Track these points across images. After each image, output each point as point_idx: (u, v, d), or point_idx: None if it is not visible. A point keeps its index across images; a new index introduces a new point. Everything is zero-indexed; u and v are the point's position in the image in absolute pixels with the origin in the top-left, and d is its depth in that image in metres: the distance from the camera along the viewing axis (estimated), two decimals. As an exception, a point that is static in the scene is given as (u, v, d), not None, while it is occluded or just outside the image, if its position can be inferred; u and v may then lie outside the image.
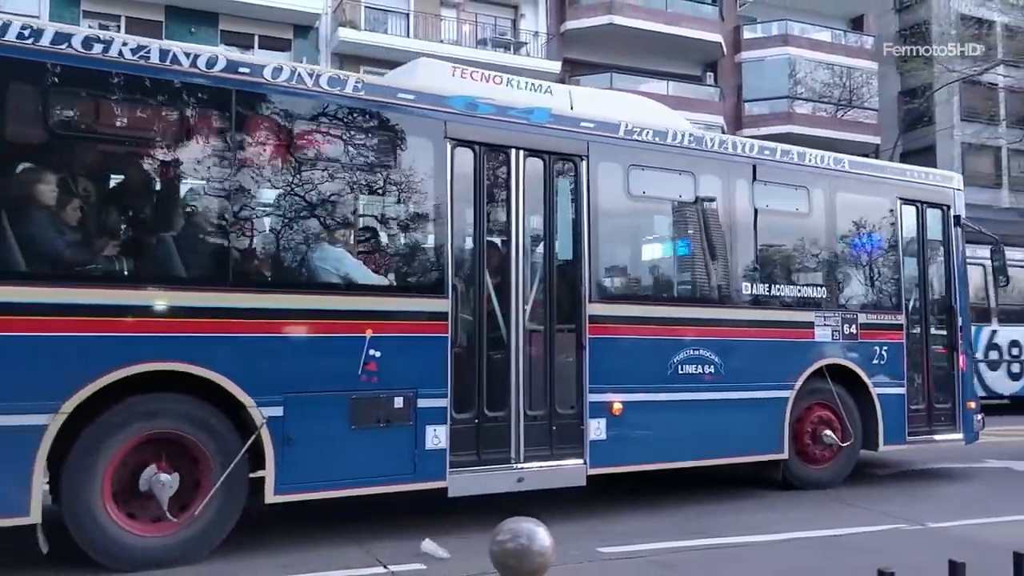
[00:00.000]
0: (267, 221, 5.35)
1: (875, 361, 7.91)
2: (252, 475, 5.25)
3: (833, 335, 7.69)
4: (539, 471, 6.15)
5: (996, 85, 27.68)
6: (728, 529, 6.05)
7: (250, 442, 5.10)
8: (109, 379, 4.71)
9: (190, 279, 5.08)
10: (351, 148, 5.60)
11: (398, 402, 5.58)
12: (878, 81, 27.91)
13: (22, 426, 4.51)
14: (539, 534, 1.92)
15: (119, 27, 18.85)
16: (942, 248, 8.64)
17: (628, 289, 6.83)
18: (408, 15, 22.44)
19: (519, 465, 6.07)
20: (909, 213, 8.41)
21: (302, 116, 5.42)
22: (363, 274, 5.66)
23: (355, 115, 5.59)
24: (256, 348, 5.15)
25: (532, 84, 6.79)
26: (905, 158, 24.14)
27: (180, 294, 4.99)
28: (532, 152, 6.27)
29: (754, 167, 7.36)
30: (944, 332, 8.58)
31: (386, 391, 5.54)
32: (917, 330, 8.35)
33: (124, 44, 4.90)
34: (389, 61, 19.28)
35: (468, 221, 6.03)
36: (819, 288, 7.75)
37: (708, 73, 26.81)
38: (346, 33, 20.61)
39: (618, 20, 23.98)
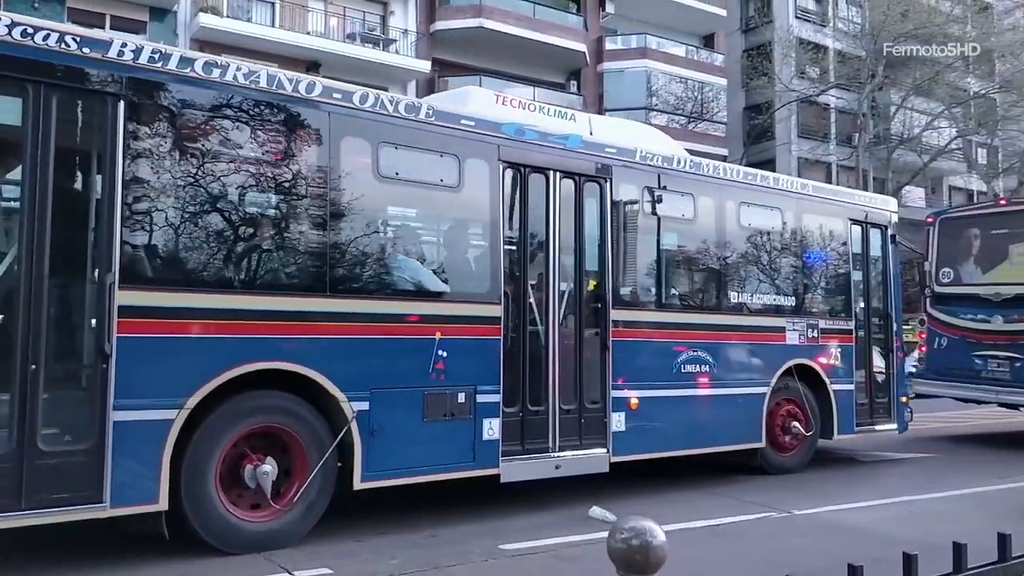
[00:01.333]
0: (356, 234, 5.85)
1: (831, 361, 9.06)
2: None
3: (800, 339, 8.78)
4: (572, 459, 6.89)
5: (828, 106, 30.32)
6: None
7: (343, 433, 5.61)
8: (227, 377, 5.15)
9: (294, 286, 5.55)
10: (423, 169, 6.19)
11: (461, 397, 6.21)
12: (726, 96, 29.59)
13: (154, 420, 4.90)
14: (657, 530, 1.93)
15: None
16: (881, 263, 9.93)
17: (644, 297, 7.65)
18: (273, 4, 21.87)
19: (556, 454, 6.80)
20: (856, 232, 9.64)
21: (385, 140, 5.96)
22: (433, 282, 6.25)
23: (426, 138, 6.17)
24: (347, 348, 5.68)
25: (560, 111, 7.52)
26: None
27: (286, 300, 5.46)
28: (566, 174, 7.01)
29: (742, 191, 8.35)
30: (882, 336, 9.87)
31: (452, 387, 6.16)
32: (862, 333, 9.58)
33: (238, 69, 5.34)
34: (252, 51, 19.20)
35: (515, 235, 6.71)
36: (789, 297, 8.82)
37: (572, 81, 27.44)
38: (207, 19, 19.86)
39: (487, 24, 24.10)
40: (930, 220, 12.35)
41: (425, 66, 23.13)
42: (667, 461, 7.85)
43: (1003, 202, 13.15)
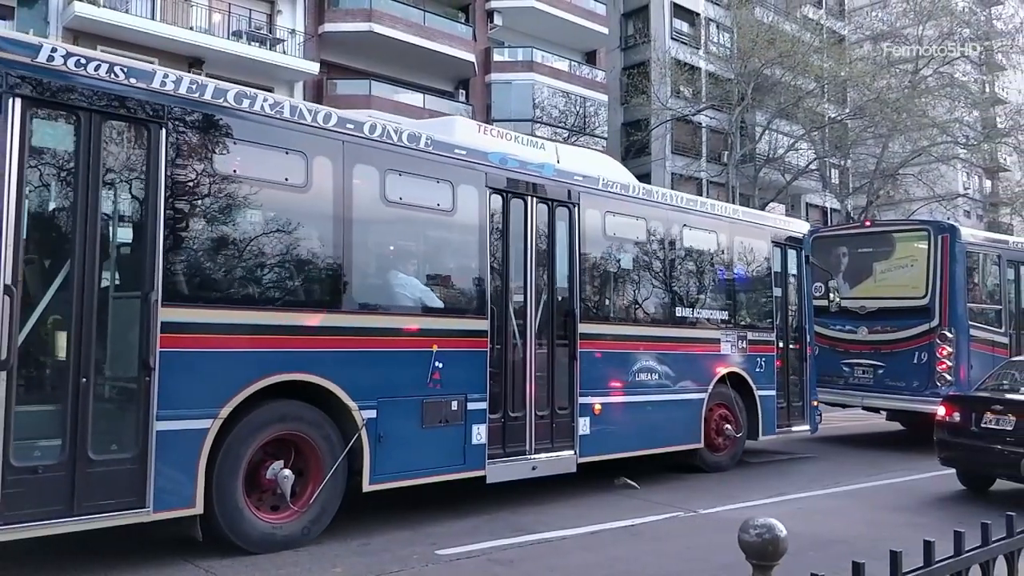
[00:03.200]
0: (367, 254, 6.31)
1: (757, 369, 10.08)
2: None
3: (732, 349, 9.74)
4: (546, 460, 7.54)
5: (701, 124, 32.49)
6: (543, 526, 6.67)
7: (354, 439, 6.05)
8: (256, 387, 5.53)
9: (313, 303, 5.97)
10: (423, 194, 6.70)
11: (454, 405, 6.75)
12: (607, 112, 30.72)
13: (192, 430, 5.22)
14: (780, 527, 2.24)
15: None
16: (797, 280, 11.07)
17: (605, 311, 8.39)
18: None
19: (532, 456, 7.42)
20: (777, 253, 10.73)
21: (391, 167, 6.44)
22: (431, 298, 6.77)
23: (425, 166, 6.69)
24: (358, 360, 6.13)
25: (532, 141, 8.18)
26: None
27: (307, 315, 5.87)
28: (541, 199, 7.66)
29: (684, 215, 9.23)
30: (798, 346, 11.00)
31: (447, 396, 6.69)
32: (781, 344, 10.67)
33: (265, 100, 5.73)
34: (132, 43, 18.84)
35: (498, 254, 7.30)
36: (723, 311, 9.77)
37: (460, 90, 27.61)
38: (83, 8, 18.88)
39: (377, 28, 23.93)
40: None
41: (313, 68, 22.87)
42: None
43: (868, 223, 14.68)
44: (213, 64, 20.36)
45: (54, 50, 4.85)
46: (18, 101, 4.68)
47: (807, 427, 10.98)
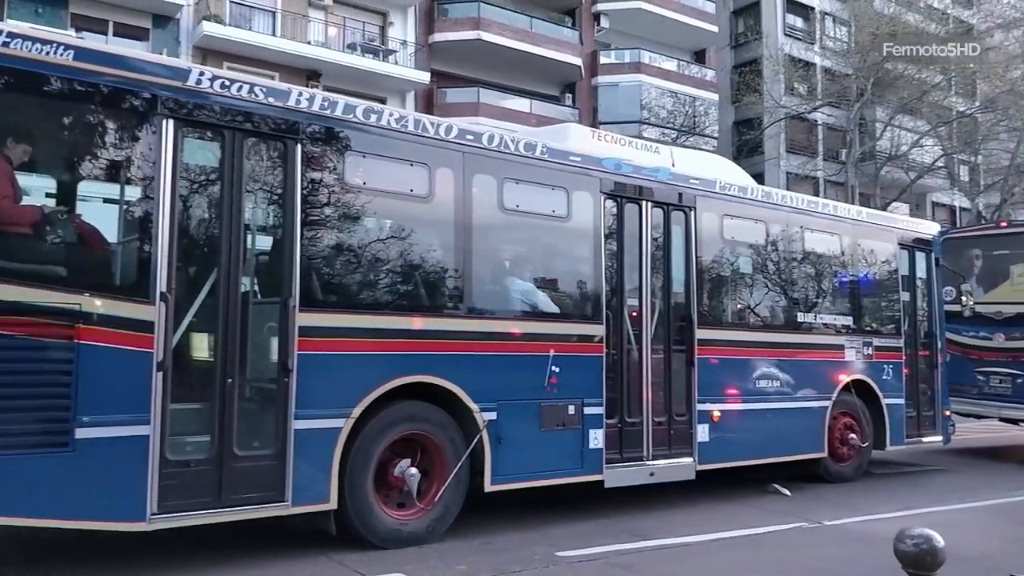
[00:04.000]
0: (487, 261, 6.50)
1: (884, 377, 9.67)
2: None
3: (856, 356, 9.39)
4: (664, 467, 7.49)
5: (816, 122, 31.04)
6: (661, 532, 6.65)
7: (476, 440, 6.20)
8: (386, 388, 5.77)
9: (438, 307, 6.21)
10: (539, 201, 6.82)
11: (571, 409, 6.81)
12: (717, 111, 29.96)
13: (327, 428, 5.50)
14: (938, 537, 2.23)
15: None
16: (926, 284, 10.56)
17: (723, 316, 8.28)
18: (274, 13, 21.83)
19: (650, 462, 7.39)
20: (904, 256, 10.28)
21: (508, 176, 6.59)
22: (547, 304, 6.87)
23: (541, 173, 6.81)
24: (480, 363, 6.29)
25: (645, 145, 8.18)
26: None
27: (433, 320, 6.09)
28: (656, 203, 7.64)
29: (805, 217, 8.99)
30: (928, 353, 10.49)
31: (564, 400, 6.76)
32: (909, 351, 10.19)
33: (391, 114, 5.99)
34: (254, 59, 19.67)
35: (613, 259, 7.33)
36: (847, 316, 9.43)
37: (567, 94, 27.72)
38: (210, 27, 19.93)
39: (485, 36, 24.25)
40: None
41: (424, 77, 23.29)
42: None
43: (1004, 224, 13.79)
44: (329, 76, 21.19)
45: (202, 74, 5.23)
46: (171, 122, 5.07)
47: (939, 438, 10.45)
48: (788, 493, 8.23)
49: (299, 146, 5.52)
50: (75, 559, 5.43)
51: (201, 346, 5.20)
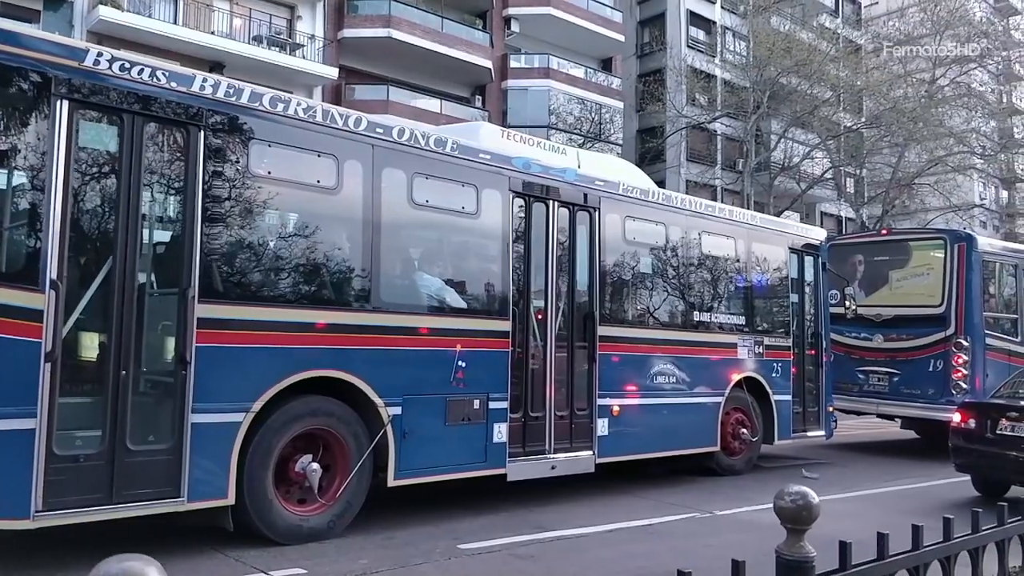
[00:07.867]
0: (396, 255, 6.47)
1: (774, 374, 10.16)
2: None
3: (748, 354, 9.84)
4: (565, 460, 7.66)
5: (716, 132, 32.51)
6: (562, 523, 6.81)
7: (380, 435, 6.19)
8: (287, 382, 5.68)
9: (343, 301, 6.13)
10: (448, 197, 6.86)
11: (476, 403, 6.88)
12: (622, 118, 30.71)
13: (225, 423, 5.38)
14: (812, 494, 2.35)
15: None
16: (814, 287, 11.15)
17: (625, 315, 8.51)
18: (176, 1, 21.18)
19: (551, 456, 7.54)
20: (794, 260, 10.82)
21: (418, 171, 6.60)
22: (455, 299, 6.91)
23: (451, 170, 6.85)
24: (385, 358, 6.27)
25: (554, 147, 8.33)
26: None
27: (337, 314, 6.03)
28: (562, 203, 7.80)
29: (703, 221, 9.35)
30: (814, 352, 11.07)
31: (469, 394, 6.83)
32: (797, 350, 10.74)
33: (299, 104, 5.91)
34: (154, 47, 18.88)
35: (520, 256, 7.44)
36: (740, 316, 9.86)
37: (477, 96, 27.78)
38: (107, 12, 19.20)
39: (396, 34, 24.15)
40: None
41: (332, 73, 23.14)
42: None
43: (885, 232, 14.73)
44: (233, 68, 20.60)
45: (99, 54, 5.04)
46: (65, 104, 4.86)
47: (822, 433, 11.04)
48: (816, 477, 9.08)
49: (202, 133, 5.38)
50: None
51: (93, 337, 5.01)
